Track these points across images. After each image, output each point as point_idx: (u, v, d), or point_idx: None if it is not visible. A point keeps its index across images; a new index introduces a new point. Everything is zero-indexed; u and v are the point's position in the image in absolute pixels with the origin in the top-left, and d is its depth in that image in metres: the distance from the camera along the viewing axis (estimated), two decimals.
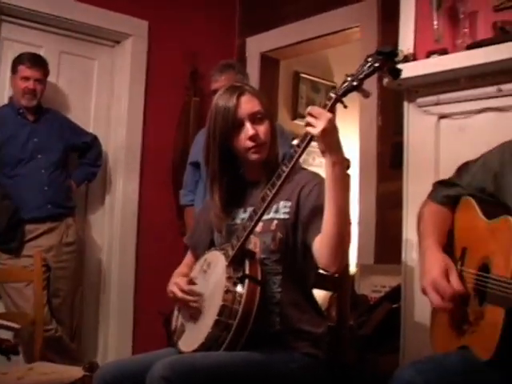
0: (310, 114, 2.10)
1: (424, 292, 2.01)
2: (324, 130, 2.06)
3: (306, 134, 2.14)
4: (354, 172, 4.19)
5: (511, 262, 1.73)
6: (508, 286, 1.70)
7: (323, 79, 6.18)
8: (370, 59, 2.06)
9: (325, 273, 2.42)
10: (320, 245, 2.21)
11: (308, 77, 6.19)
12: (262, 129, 2.42)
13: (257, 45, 5.43)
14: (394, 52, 2.06)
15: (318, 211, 2.27)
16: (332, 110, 2.11)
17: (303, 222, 2.34)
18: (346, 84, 2.08)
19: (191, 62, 5.19)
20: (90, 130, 4.76)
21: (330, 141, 2.10)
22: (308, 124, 2.11)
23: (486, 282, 1.83)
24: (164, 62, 5.09)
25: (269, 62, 5.51)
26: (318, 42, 5.09)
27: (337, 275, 2.51)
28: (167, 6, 5.11)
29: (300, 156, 2.18)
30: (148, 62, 5.05)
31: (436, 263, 2.01)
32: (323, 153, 2.12)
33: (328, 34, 4.89)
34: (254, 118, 2.41)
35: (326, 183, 2.16)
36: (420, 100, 3.10)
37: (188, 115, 5.10)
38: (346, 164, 2.24)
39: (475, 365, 1.79)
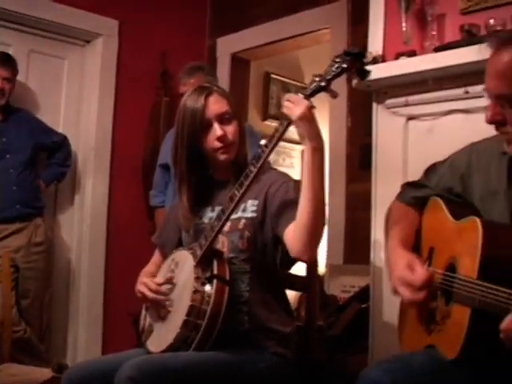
0: (289, 100, 2.11)
1: (395, 291, 2.02)
2: (303, 114, 2.06)
3: (277, 129, 2.15)
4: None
5: (477, 263, 1.74)
6: (474, 286, 1.71)
7: (294, 80, 6.19)
8: (337, 60, 2.07)
9: (294, 264, 2.42)
10: (293, 233, 2.21)
11: (278, 77, 6.20)
12: (230, 129, 2.42)
13: (227, 45, 5.43)
14: (361, 53, 2.07)
15: (287, 204, 2.28)
16: None
17: (272, 216, 2.34)
18: (314, 84, 2.09)
19: (162, 62, 5.17)
20: (60, 130, 4.73)
21: (309, 125, 2.09)
22: (286, 109, 2.12)
23: (453, 282, 1.84)
24: (134, 61, 5.07)
25: (239, 63, 5.52)
26: (289, 43, 5.11)
27: (305, 275, 2.53)
28: (138, 6, 5.09)
29: (268, 156, 2.18)
30: (118, 62, 5.02)
31: (399, 260, 2.03)
32: (302, 139, 2.12)
33: (298, 35, 4.91)
34: (222, 119, 2.42)
35: (304, 169, 2.16)
36: (389, 101, 3.13)
37: (158, 115, 5.08)
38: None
39: (441, 364, 1.79)
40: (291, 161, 6.28)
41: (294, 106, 2.09)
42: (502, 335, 1.53)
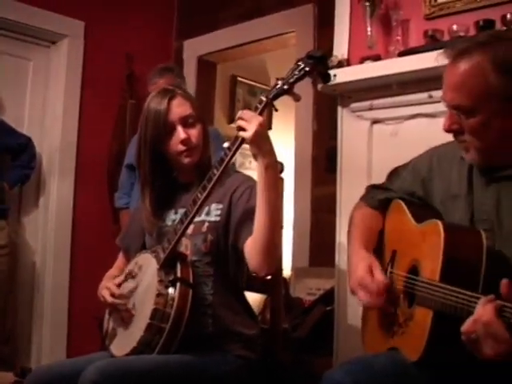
0: (241, 118, 2.12)
1: (353, 292, 2.04)
2: (255, 133, 2.07)
3: (237, 137, 2.15)
4: (289, 176, 4.22)
5: (439, 266, 1.76)
6: (436, 288, 1.73)
7: (260, 83, 6.20)
8: (300, 63, 2.08)
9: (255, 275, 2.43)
10: (250, 248, 2.23)
11: (245, 80, 6.21)
12: (194, 132, 2.42)
13: (194, 48, 5.43)
14: (324, 56, 2.09)
15: (248, 214, 2.28)
16: (262, 113, 2.13)
17: (234, 225, 2.35)
18: (277, 88, 2.10)
19: (128, 64, 5.15)
20: (24, 132, 4.67)
21: (261, 144, 2.11)
22: (239, 128, 2.12)
23: (415, 285, 1.86)
24: (100, 63, 5.04)
25: (206, 66, 5.52)
26: (255, 46, 5.12)
27: (269, 277, 2.53)
28: (104, 7, 5.06)
29: (231, 159, 2.19)
30: (84, 64, 4.98)
31: (359, 263, 2.04)
32: (255, 156, 2.14)
33: (264, 39, 4.92)
34: (186, 122, 2.42)
35: (258, 186, 2.17)
36: (353, 105, 3.15)
37: (124, 118, 5.05)
38: (278, 167, 2.26)
39: (404, 366, 1.81)
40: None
41: (246, 124, 2.10)
42: (463, 337, 1.55)
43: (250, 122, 2.09)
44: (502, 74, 1.75)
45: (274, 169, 2.16)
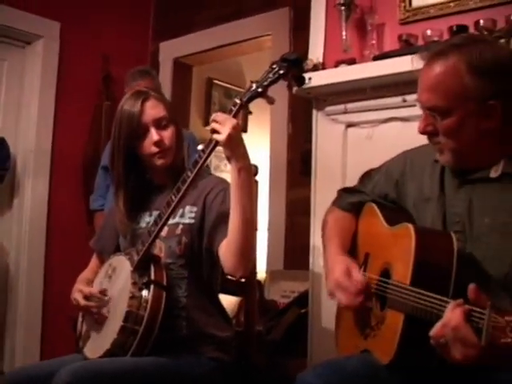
0: (215, 121, 2.12)
1: (331, 294, 2.04)
2: (229, 136, 2.08)
3: (211, 139, 2.15)
4: (264, 179, 4.23)
5: (410, 269, 1.77)
6: (407, 292, 1.74)
7: (236, 86, 6.20)
8: (274, 66, 2.08)
9: (231, 278, 2.44)
10: (225, 250, 2.23)
11: (221, 83, 6.20)
12: (167, 134, 2.42)
13: (170, 50, 5.41)
14: (298, 59, 2.09)
15: (223, 217, 2.28)
16: (237, 116, 2.13)
17: (208, 228, 2.35)
18: (251, 90, 2.10)
19: (104, 66, 5.12)
20: None
21: (235, 147, 2.12)
22: (213, 130, 2.12)
23: (387, 288, 1.87)
24: (76, 64, 5.00)
25: (182, 68, 5.50)
26: (231, 49, 5.11)
27: (243, 280, 2.53)
28: (80, 8, 5.02)
29: (205, 161, 2.19)
30: (60, 65, 4.94)
31: (337, 264, 2.05)
32: (229, 159, 2.14)
33: (241, 42, 4.92)
34: (159, 124, 2.41)
35: (231, 189, 2.18)
36: (328, 108, 3.17)
37: (100, 119, 5.02)
38: (252, 170, 2.26)
39: (376, 368, 1.82)
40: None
41: (220, 127, 2.10)
42: (432, 342, 1.56)
43: (223, 125, 2.09)
44: (476, 75, 1.77)
45: (247, 171, 2.16)
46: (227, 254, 2.23)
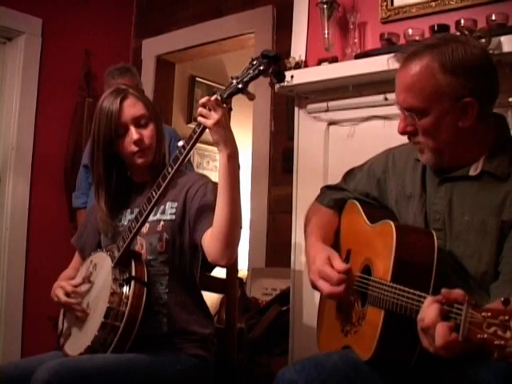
0: (204, 105, 2.12)
1: (313, 285, 2.04)
2: (218, 121, 2.08)
3: (194, 131, 2.16)
4: (246, 176, 4.23)
5: (391, 266, 1.78)
6: (387, 288, 1.76)
7: (218, 83, 6.19)
8: (254, 62, 2.09)
9: (216, 266, 2.43)
10: (211, 238, 2.23)
11: (203, 81, 6.20)
12: (147, 133, 2.42)
13: (152, 47, 5.40)
14: (277, 56, 2.09)
15: (204, 209, 2.30)
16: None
17: (190, 221, 2.36)
18: (231, 86, 2.11)
19: (86, 63, 5.10)
20: None
21: (224, 133, 2.12)
22: (201, 115, 2.12)
23: (367, 284, 1.89)
24: (58, 61, 4.97)
25: (164, 65, 5.49)
26: (214, 47, 5.11)
27: (224, 277, 2.54)
28: (63, 5, 4.99)
29: (186, 157, 2.19)
30: (41, 61, 4.90)
31: (318, 254, 2.05)
32: (217, 144, 2.14)
33: (223, 39, 4.91)
34: (139, 122, 2.41)
35: (219, 175, 2.17)
36: (310, 106, 3.18)
37: (81, 116, 5.00)
38: (239, 157, 2.26)
39: (356, 364, 1.83)
40: (215, 164, 6.27)
41: (208, 112, 2.10)
42: (419, 326, 1.56)
43: (213, 110, 2.09)
44: (449, 74, 1.80)
45: (235, 158, 2.16)
46: (212, 241, 2.22)
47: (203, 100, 2.12)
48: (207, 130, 2.14)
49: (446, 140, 1.87)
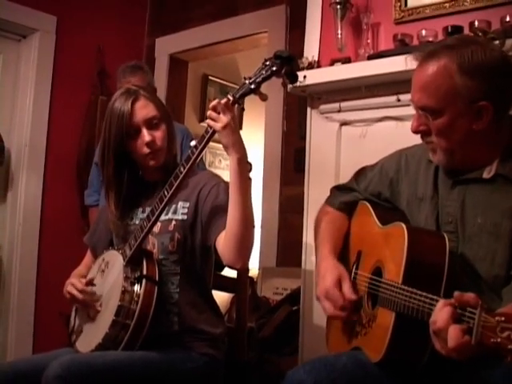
0: (214, 109, 2.12)
1: (318, 299, 2.06)
2: (227, 125, 2.09)
3: (206, 130, 2.16)
4: (257, 176, 4.23)
5: (402, 268, 1.78)
6: (398, 290, 1.75)
7: (231, 82, 6.20)
8: (267, 63, 2.09)
9: (230, 269, 2.44)
10: (225, 241, 2.23)
11: (216, 79, 6.20)
12: (159, 134, 2.42)
13: (166, 46, 5.41)
14: (290, 57, 2.09)
15: (218, 210, 2.30)
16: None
17: (203, 223, 2.36)
18: (244, 87, 2.11)
19: (99, 60, 5.12)
20: None
21: (233, 137, 2.12)
22: (210, 118, 2.13)
23: (378, 286, 1.88)
24: (71, 59, 4.98)
25: (177, 64, 5.50)
26: (227, 46, 5.11)
27: (235, 277, 2.54)
28: (77, 2, 5.00)
29: (198, 156, 2.19)
30: (55, 59, 4.92)
31: (329, 272, 2.05)
32: (227, 149, 2.14)
33: (237, 38, 4.91)
34: (150, 124, 2.42)
35: (230, 178, 2.18)
36: (323, 107, 3.17)
37: (94, 114, 5.02)
38: (248, 160, 2.27)
39: (365, 365, 1.83)
40: (227, 163, 6.27)
41: (217, 116, 2.11)
42: (431, 329, 1.55)
43: (222, 113, 2.10)
44: (466, 76, 1.78)
45: (244, 161, 2.17)
46: (227, 245, 2.22)
47: (213, 103, 2.13)
48: None
49: (459, 141, 1.86)
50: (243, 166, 2.16)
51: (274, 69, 2.07)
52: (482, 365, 1.65)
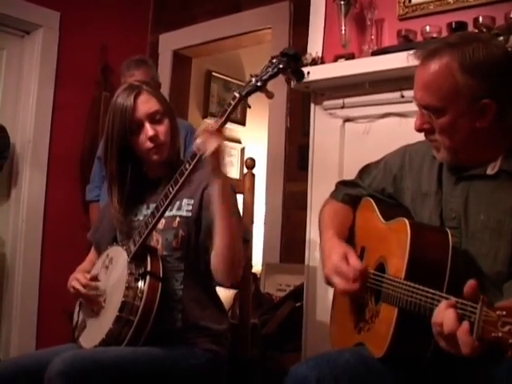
0: (205, 133, 2.13)
1: (327, 280, 2.03)
2: (215, 152, 2.10)
3: (197, 151, 2.17)
4: (261, 172, 4.23)
5: (405, 264, 1.78)
6: (401, 286, 1.75)
7: (235, 79, 6.21)
8: (274, 60, 2.09)
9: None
10: (213, 261, 2.27)
11: (220, 76, 6.21)
12: (162, 129, 2.43)
13: (169, 42, 5.42)
14: (297, 54, 2.10)
15: None
16: (235, 108, 2.14)
17: (206, 224, 2.36)
18: (250, 84, 2.11)
19: (103, 56, 5.12)
20: None
21: (218, 163, 2.14)
22: (198, 145, 2.13)
23: (382, 282, 1.88)
24: (75, 54, 4.99)
25: (181, 60, 5.50)
26: (231, 42, 5.12)
27: None
28: None
29: (201, 156, 2.19)
30: (58, 55, 4.93)
31: (334, 250, 2.04)
32: (211, 173, 2.17)
33: (240, 34, 4.92)
34: (153, 118, 2.42)
35: (214, 204, 2.20)
36: (326, 103, 3.17)
37: (98, 110, 5.02)
38: (231, 187, 2.31)
39: (368, 361, 1.83)
40: (230, 159, 6.29)
41: (206, 141, 2.11)
42: (435, 330, 1.55)
43: (210, 140, 2.11)
44: (468, 74, 1.78)
45: (228, 184, 2.23)
46: (216, 266, 2.28)
47: (202, 128, 2.16)
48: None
49: (463, 139, 1.86)
50: (227, 190, 2.21)
51: (281, 66, 2.07)
52: (488, 359, 1.65)
